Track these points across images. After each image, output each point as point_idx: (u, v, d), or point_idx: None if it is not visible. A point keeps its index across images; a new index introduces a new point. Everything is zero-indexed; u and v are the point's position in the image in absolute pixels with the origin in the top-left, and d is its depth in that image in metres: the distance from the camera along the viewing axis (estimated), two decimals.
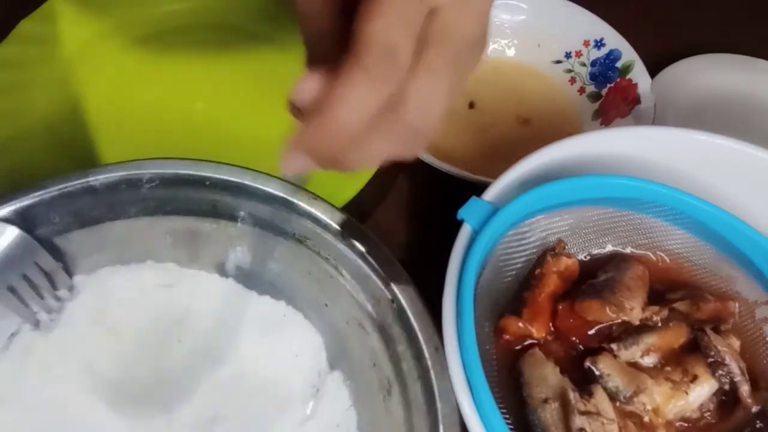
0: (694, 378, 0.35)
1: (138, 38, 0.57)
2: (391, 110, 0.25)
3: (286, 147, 0.26)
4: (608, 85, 0.55)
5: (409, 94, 0.24)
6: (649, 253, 0.42)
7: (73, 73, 0.54)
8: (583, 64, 0.57)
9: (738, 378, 0.36)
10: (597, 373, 0.36)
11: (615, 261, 0.41)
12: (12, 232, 0.36)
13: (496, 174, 0.39)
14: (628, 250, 0.42)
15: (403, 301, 0.35)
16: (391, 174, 0.52)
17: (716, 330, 0.38)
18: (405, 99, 0.24)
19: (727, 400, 0.36)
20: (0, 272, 0.35)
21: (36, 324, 0.39)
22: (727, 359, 0.36)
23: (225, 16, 0.60)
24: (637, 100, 0.52)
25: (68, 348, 0.39)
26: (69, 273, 0.39)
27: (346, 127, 0.24)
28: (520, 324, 0.37)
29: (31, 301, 0.37)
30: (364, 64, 0.23)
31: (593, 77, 0.56)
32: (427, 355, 0.34)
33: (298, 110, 0.26)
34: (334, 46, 0.25)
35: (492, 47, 0.59)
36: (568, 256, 0.40)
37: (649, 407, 0.35)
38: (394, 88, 0.24)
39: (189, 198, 0.39)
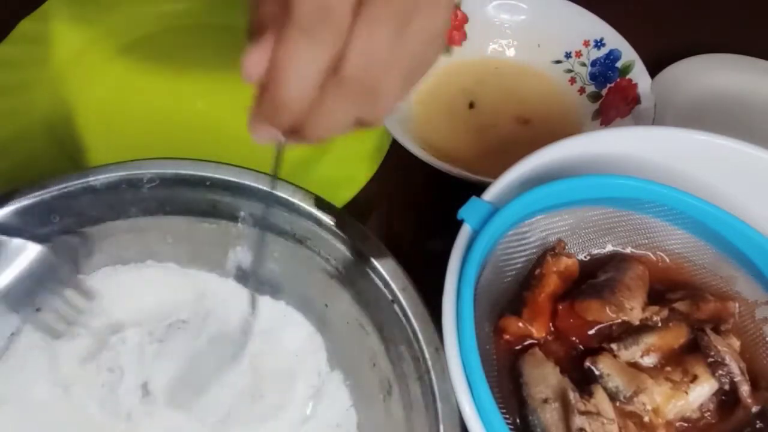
0: (694, 378, 0.35)
1: (138, 38, 0.57)
2: (337, 70, 0.24)
3: (249, 118, 0.27)
4: (608, 85, 0.55)
5: (350, 49, 0.24)
6: (649, 253, 0.42)
7: (73, 72, 0.54)
8: (583, 64, 0.57)
9: (738, 378, 0.36)
10: (597, 373, 0.36)
11: (615, 261, 0.41)
12: (34, 250, 0.36)
13: (496, 174, 0.39)
14: (628, 250, 0.42)
15: (403, 301, 0.35)
16: (391, 174, 0.52)
17: (716, 330, 0.38)
18: (347, 55, 0.24)
19: (727, 400, 0.36)
20: (25, 289, 0.36)
21: (58, 336, 0.38)
22: (727, 359, 0.36)
23: (225, 16, 0.59)
24: (637, 100, 0.52)
25: (69, 347, 0.39)
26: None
27: (295, 92, 0.24)
28: (520, 324, 0.37)
29: (53, 316, 0.38)
30: (300, 25, 0.23)
31: (593, 77, 0.56)
32: (427, 355, 0.34)
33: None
34: (273, 9, 0.25)
35: (492, 47, 0.59)
36: (568, 256, 0.40)
37: (649, 407, 0.35)
38: (335, 47, 0.24)
39: (189, 198, 0.39)
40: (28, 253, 0.35)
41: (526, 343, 0.37)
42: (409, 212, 0.51)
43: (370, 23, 0.24)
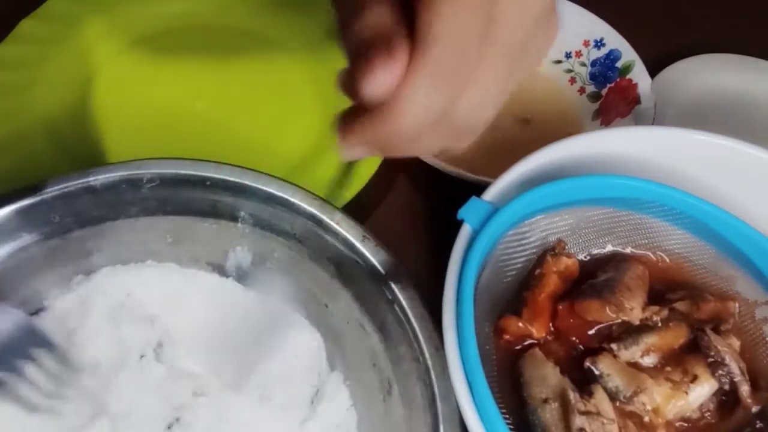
0: (694, 378, 0.35)
1: (138, 38, 0.57)
2: (449, 108, 0.23)
3: (342, 134, 0.25)
4: (608, 85, 0.55)
5: (468, 91, 0.23)
6: (649, 253, 0.42)
7: (73, 72, 0.54)
8: (583, 64, 0.57)
9: (738, 378, 0.36)
10: (597, 373, 0.36)
11: (615, 261, 0.41)
12: (11, 315, 0.34)
13: (496, 174, 0.39)
14: (628, 250, 0.42)
15: (403, 301, 0.35)
16: (391, 174, 0.52)
17: (716, 330, 0.38)
18: (462, 97, 0.23)
19: (727, 400, 0.36)
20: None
21: (34, 410, 0.35)
22: (727, 359, 0.36)
23: (225, 16, 0.59)
24: (637, 100, 0.52)
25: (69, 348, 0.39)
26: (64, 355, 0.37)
27: (412, 128, 0.23)
28: (520, 324, 0.37)
29: (28, 387, 0.35)
30: (435, 60, 0.22)
31: (593, 77, 0.56)
32: (427, 355, 0.34)
33: (353, 94, 0.24)
34: (387, 22, 0.23)
35: None
36: (568, 256, 0.40)
37: (649, 407, 0.35)
38: (461, 88, 0.23)
39: (189, 198, 0.39)
40: (10, 317, 0.34)
41: (526, 343, 0.37)
42: (409, 212, 0.51)
43: (490, 69, 0.23)
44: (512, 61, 0.24)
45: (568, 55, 0.58)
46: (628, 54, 0.55)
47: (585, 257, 0.42)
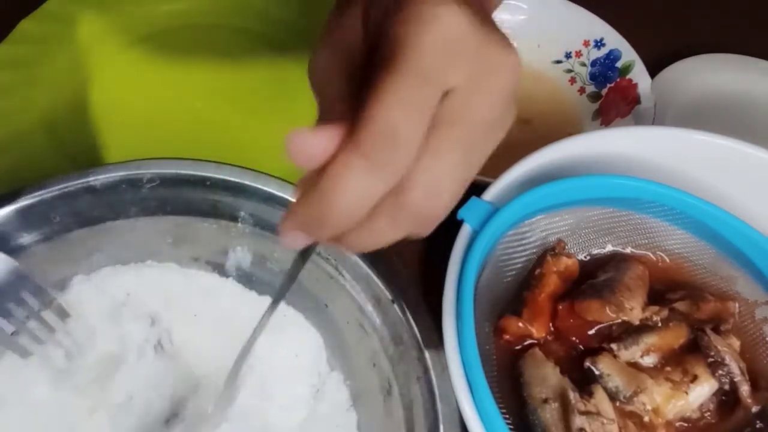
0: (694, 378, 0.35)
1: (138, 38, 0.57)
2: (396, 195, 0.22)
3: (284, 224, 0.24)
4: (608, 85, 0.55)
5: (414, 181, 0.22)
6: (649, 253, 0.42)
7: (73, 72, 0.54)
8: (583, 64, 0.57)
9: (738, 378, 0.36)
10: (597, 373, 0.36)
11: (615, 261, 0.41)
12: (4, 262, 0.34)
13: (496, 174, 0.39)
14: (628, 250, 0.42)
15: (403, 301, 0.35)
16: None
17: (716, 330, 0.38)
18: (410, 185, 0.22)
19: (727, 400, 0.36)
20: None
21: (26, 355, 0.37)
22: (727, 359, 0.36)
23: (225, 16, 0.59)
24: (637, 100, 0.52)
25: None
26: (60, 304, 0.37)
27: (343, 213, 0.22)
28: (520, 324, 0.37)
29: (21, 332, 0.36)
30: (363, 150, 0.21)
31: (593, 77, 0.56)
32: (427, 355, 0.34)
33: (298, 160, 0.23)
34: (344, 111, 0.23)
35: None
36: (568, 256, 0.40)
37: (649, 407, 0.35)
38: (396, 179, 0.22)
39: (189, 198, 0.39)
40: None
41: (526, 343, 0.37)
42: None
43: (437, 155, 0.22)
44: (466, 150, 0.23)
45: (568, 55, 0.58)
46: (628, 54, 0.55)
47: (585, 257, 0.42)
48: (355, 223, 0.23)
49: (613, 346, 0.36)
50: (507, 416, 0.34)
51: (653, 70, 0.55)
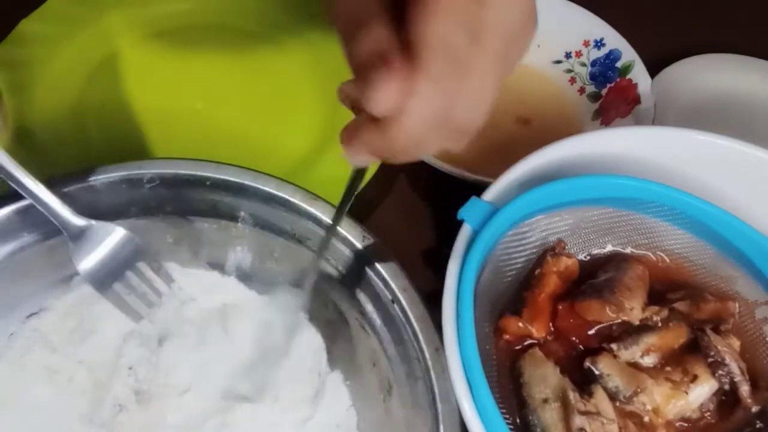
0: (694, 378, 0.35)
1: (138, 38, 0.57)
2: (448, 112, 0.24)
3: (349, 144, 0.26)
4: (608, 85, 0.55)
5: (461, 98, 0.24)
6: (649, 253, 0.42)
7: (73, 73, 0.54)
8: (583, 64, 0.57)
9: (738, 378, 0.36)
10: (597, 373, 0.36)
11: (615, 261, 0.41)
12: (119, 233, 0.37)
13: (496, 174, 0.39)
14: (628, 250, 0.42)
15: (403, 302, 0.35)
16: (391, 174, 0.52)
17: (716, 330, 0.38)
18: (456, 103, 0.24)
19: (727, 400, 0.36)
20: (109, 270, 0.37)
21: (138, 319, 0.40)
22: (727, 359, 0.36)
23: (225, 17, 0.59)
24: (637, 100, 0.52)
25: (67, 346, 0.39)
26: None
27: (414, 135, 0.24)
28: (520, 324, 0.37)
29: (135, 298, 0.39)
30: (431, 71, 0.23)
31: (593, 77, 0.56)
32: (427, 355, 0.34)
33: (354, 107, 0.26)
34: (388, 47, 0.24)
35: None
36: (568, 256, 0.40)
37: (649, 407, 0.35)
38: (455, 89, 0.24)
39: (189, 198, 0.39)
40: (114, 236, 0.37)
41: (526, 343, 0.37)
42: (409, 212, 0.51)
43: (480, 71, 0.24)
44: (500, 61, 0.25)
45: (568, 55, 0.58)
46: (628, 54, 0.55)
47: (585, 257, 0.42)
48: (420, 143, 0.25)
49: (613, 346, 0.36)
50: (507, 416, 0.34)
51: (653, 70, 0.55)
